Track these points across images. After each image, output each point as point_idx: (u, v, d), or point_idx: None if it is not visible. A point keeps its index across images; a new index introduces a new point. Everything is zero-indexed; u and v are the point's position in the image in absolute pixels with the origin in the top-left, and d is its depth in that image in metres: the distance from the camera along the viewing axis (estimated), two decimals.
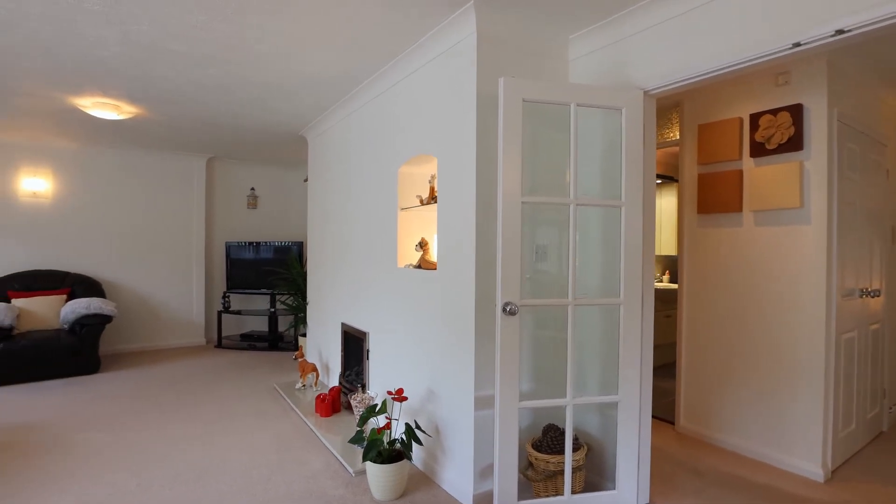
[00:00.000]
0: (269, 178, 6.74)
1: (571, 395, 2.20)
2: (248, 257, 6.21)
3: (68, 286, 5.08)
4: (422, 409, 2.80)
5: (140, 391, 4.16)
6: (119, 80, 3.32)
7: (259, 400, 3.98)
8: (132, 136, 5.06)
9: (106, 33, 2.60)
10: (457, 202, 2.50)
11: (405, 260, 3.10)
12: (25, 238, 5.14)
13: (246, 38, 2.67)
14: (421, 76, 2.82)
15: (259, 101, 3.79)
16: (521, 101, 2.13)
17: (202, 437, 3.20)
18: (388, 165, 3.22)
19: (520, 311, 2.15)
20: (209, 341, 6.22)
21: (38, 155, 5.20)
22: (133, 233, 5.72)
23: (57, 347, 4.42)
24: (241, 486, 2.55)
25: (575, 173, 2.19)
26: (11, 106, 3.96)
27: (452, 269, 2.53)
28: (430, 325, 2.73)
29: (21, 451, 2.94)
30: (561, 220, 2.55)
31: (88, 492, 2.48)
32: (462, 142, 2.45)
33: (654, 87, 2.25)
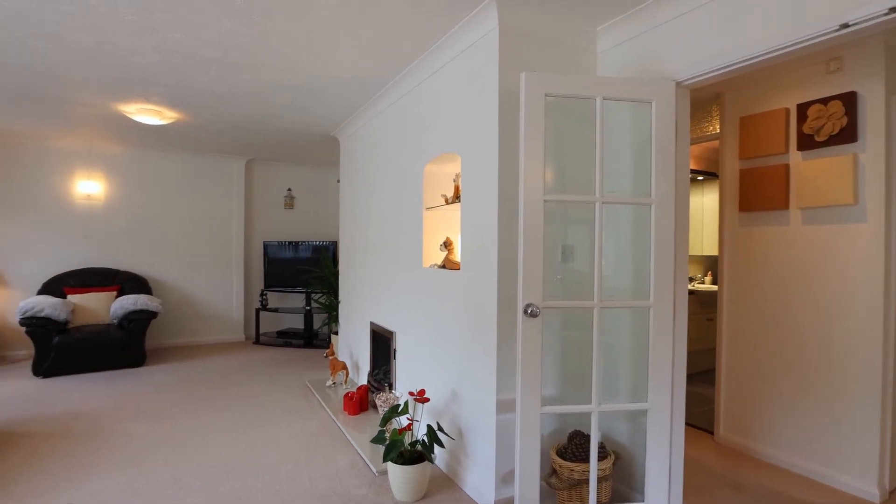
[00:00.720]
0: (305, 178, 6.90)
1: (597, 402, 2.11)
2: (285, 256, 6.37)
3: (118, 283, 5.37)
4: (445, 410, 2.77)
5: (180, 385, 4.33)
6: (158, 86, 3.46)
7: (291, 396, 4.06)
8: (175, 140, 5.29)
9: (142, 42, 2.71)
10: (480, 201, 2.45)
11: (430, 260, 3.08)
12: (80, 238, 5.47)
13: (273, 42, 2.72)
14: (445, 74, 2.79)
15: (290, 103, 3.86)
16: (544, 97, 2.06)
17: (234, 430, 3.29)
18: (414, 164, 3.20)
19: (543, 313, 2.08)
20: (248, 338, 6.42)
21: (92, 159, 5.52)
22: (177, 232, 5.98)
23: (106, 341, 4.68)
24: (267, 482, 2.60)
25: (601, 170, 2.10)
26: (66, 114, 4.21)
27: (475, 269, 2.49)
28: (454, 326, 2.69)
29: (68, 438, 3.12)
30: (591, 219, 2.46)
31: (125, 480, 2.59)
32: (484, 139, 2.40)
33: (688, 77, 2.12)
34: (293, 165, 6.78)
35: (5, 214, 5.12)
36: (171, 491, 2.49)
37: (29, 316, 4.39)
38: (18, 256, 5.18)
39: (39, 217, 5.28)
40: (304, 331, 6.22)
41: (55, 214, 5.35)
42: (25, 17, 2.42)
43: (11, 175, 5.15)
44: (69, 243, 5.42)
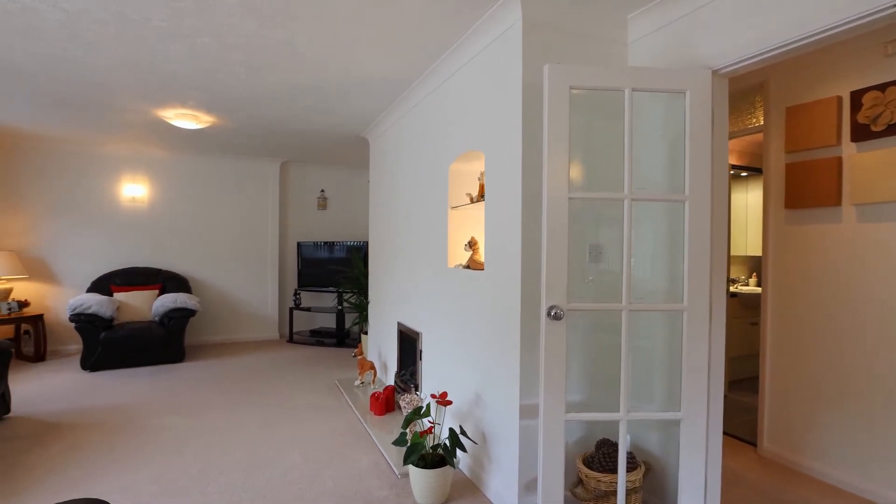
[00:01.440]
0: (337, 179, 6.98)
1: (626, 410, 2.00)
2: (318, 256, 6.47)
3: (160, 282, 5.59)
4: (469, 413, 2.71)
5: (215, 381, 4.46)
6: (193, 91, 3.56)
7: (319, 395, 4.10)
8: (213, 144, 5.46)
9: (174, 47, 2.79)
10: (503, 199, 2.38)
11: (455, 260, 3.03)
12: (126, 238, 5.74)
13: (297, 44, 2.74)
14: (469, 70, 2.73)
15: (318, 105, 3.90)
16: (569, 89, 1.97)
17: (263, 427, 3.35)
18: (439, 163, 3.16)
19: (568, 316, 1.99)
20: (282, 336, 6.56)
21: (137, 164, 5.78)
22: (215, 233, 6.18)
23: (148, 337, 4.87)
24: (290, 479, 2.62)
25: (630, 166, 1.99)
26: (110, 120, 4.41)
27: (499, 269, 2.42)
28: (478, 328, 2.63)
29: (108, 430, 3.25)
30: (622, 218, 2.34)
31: (156, 473, 2.67)
32: (508, 136, 2.33)
33: (726, 64, 1.98)
34: (326, 167, 6.88)
35: (59, 217, 5.43)
36: (197, 487, 2.54)
37: (77, 312, 4.63)
38: (70, 256, 5.48)
39: (89, 219, 5.56)
40: (336, 330, 6.29)
41: (103, 216, 5.63)
42: (66, 28, 2.53)
43: (64, 180, 5.45)
44: (116, 244, 5.69)
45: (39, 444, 3.01)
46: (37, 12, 2.37)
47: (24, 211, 5.30)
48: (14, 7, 2.33)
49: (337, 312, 6.20)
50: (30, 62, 3.01)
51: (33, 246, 5.34)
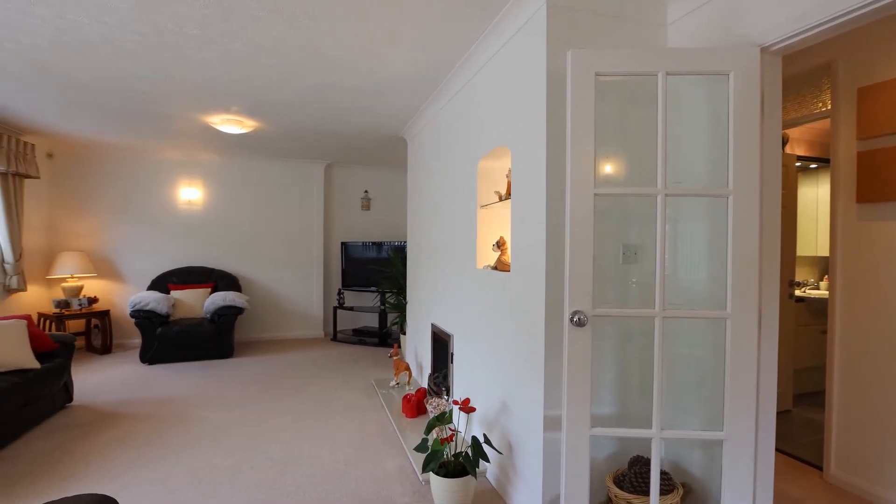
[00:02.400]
0: (380, 180, 7.04)
1: (659, 426, 1.82)
2: (361, 256, 6.56)
3: (213, 281, 5.87)
4: (496, 422, 2.60)
5: (259, 377, 4.60)
6: (233, 96, 3.68)
7: (355, 394, 4.12)
8: (260, 148, 5.65)
9: (208, 54, 2.88)
10: (528, 197, 2.25)
11: (484, 260, 2.92)
12: (182, 239, 6.07)
13: (323, 44, 2.74)
14: (496, 63, 2.62)
15: (353, 105, 3.91)
16: (594, 76, 1.82)
17: (297, 424, 3.40)
18: (469, 161, 3.07)
19: (594, 322, 1.84)
20: (326, 334, 6.70)
21: (192, 168, 6.09)
22: (263, 233, 6.40)
23: (200, 334, 5.12)
24: (316, 479, 2.62)
25: (664, 158, 1.81)
26: (164, 128, 4.67)
27: (524, 271, 2.29)
28: (504, 332, 2.51)
29: (155, 422, 3.42)
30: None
31: (193, 465, 2.76)
32: (533, 129, 2.20)
33: (778, 39, 1.75)
34: (369, 168, 6.96)
35: (123, 219, 5.83)
36: (228, 481, 2.60)
37: (137, 309, 4.93)
38: (133, 255, 5.87)
39: (150, 221, 5.94)
40: (378, 329, 6.34)
41: (162, 218, 5.99)
42: (109, 40, 2.67)
43: (128, 185, 5.85)
44: (173, 244, 6.03)
45: (93, 433, 3.21)
46: (82, 27, 2.51)
47: (93, 214, 5.74)
48: (62, 23, 2.47)
49: (379, 312, 6.25)
50: (86, 76, 3.22)
51: (101, 246, 5.76)
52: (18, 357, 3.18)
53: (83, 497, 1.43)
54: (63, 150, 5.60)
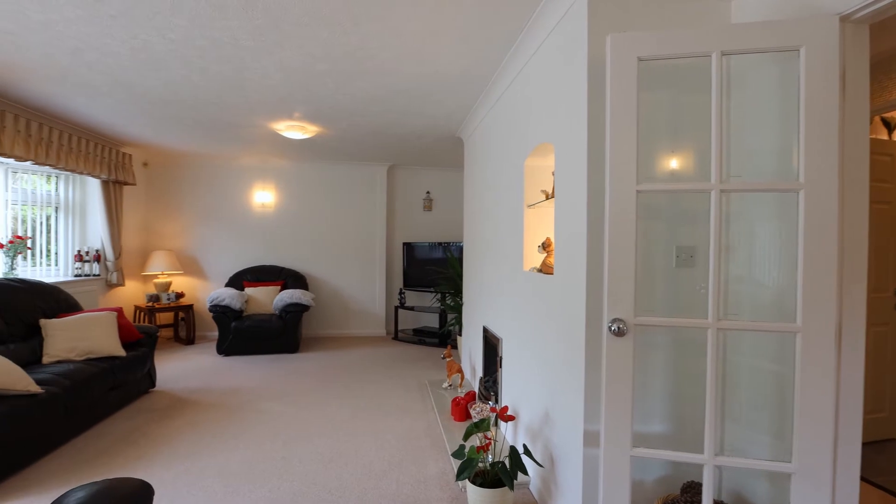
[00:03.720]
0: (442, 181, 7.07)
1: (712, 452, 1.62)
2: (422, 257, 6.62)
3: (283, 279, 6.21)
4: (540, 432, 2.48)
5: (319, 373, 4.78)
6: (293, 103, 3.85)
7: (408, 394, 4.15)
8: (324, 152, 5.89)
9: (265, 64, 3.02)
10: (570, 195, 2.12)
11: (531, 262, 2.80)
12: (256, 240, 6.48)
13: (369, 47, 2.76)
14: (539, 57, 2.49)
15: (407, 107, 3.94)
16: (636, 61, 1.66)
17: (348, 421, 3.47)
18: (516, 159, 2.96)
19: (636, 332, 1.68)
20: (388, 333, 6.84)
21: (265, 173, 6.49)
22: (329, 233, 6.67)
23: (269, 329, 5.43)
24: (358, 477, 2.65)
25: (719, 149, 1.61)
26: (237, 136, 5.00)
27: (566, 275, 2.16)
28: (548, 339, 2.39)
29: (222, 410, 3.66)
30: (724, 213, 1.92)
31: (247, 455, 2.91)
32: (574, 123, 2.06)
33: (861, 4, 1.49)
34: (431, 169, 7.00)
35: (204, 221, 6.34)
36: (277, 474, 2.70)
37: (214, 304, 5.34)
38: (213, 255, 6.36)
39: (228, 222, 6.41)
40: (438, 329, 6.36)
41: (239, 220, 6.43)
42: (177, 56, 2.89)
43: (208, 190, 6.35)
44: (248, 244, 6.46)
45: (168, 417, 3.50)
46: (153, 45, 2.74)
47: (181, 217, 6.30)
48: (136, 43, 2.71)
49: (440, 312, 6.26)
50: (163, 91, 3.52)
51: (187, 246, 6.31)
52: (108, 345, 3.55)
53: (128, 480, 1.53)
54: (156, 160, 6.20)
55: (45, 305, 3.66)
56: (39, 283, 3.81)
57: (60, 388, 2.92)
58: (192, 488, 2.52)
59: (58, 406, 2.86)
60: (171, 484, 2.56)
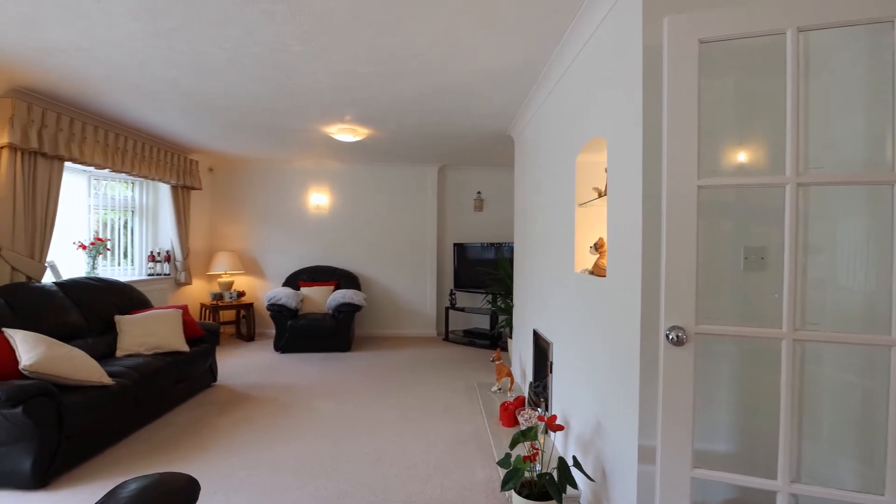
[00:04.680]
0: (493, 180, 6.97)
1: (787, 477, 1.44)
2: (473, 257, 6.56)
3: (336, 279, 6.36)
4: (591, 443, 2.34)
5: (370, 372, 4.84)
6: (343, 106, 3.91)
7: (457, 396, 4.10)
8: (375, 153, 5.97)
9: (315, 68, 3.07)
10: (624, 192, 1.98)
11: (582, 263, 2.67)
12: (312, 241, 6.69)
13: (415, 46, 2.74)
14: (591, 47, 2.36)
15: (453, 106, 3.89)
16: (697, 44, 1.51)
17: (396, 422, 3.48)
18: (567, 156, 2.83)
19: (698, 341, 1.53)
20: (439, 333, 6.83)
21: (319, 176, 6.68)
22: (380, 234, 6.76)
23: (323, 328, 5.57)
24: (403, 479, 2.63)
25: (795, 139, 1.43)
26: (292, 140, 5.17)
27: (619, 277, 2.02)
28: (599, 345, 2.25)
29: (277, 406, 3.77)
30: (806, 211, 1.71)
31: (298, 452, 2.97)
32: (628, 114, 1.92)
33: None
34: (481, 168, 6.93)
35: (264, 223, 6.62)
36: (325, 472, 2.74)
37: (271, 303, 5.55)
38: (272, 256, 6.63)
39: (286, 224, 6.65)
40: (489, 331, 6.28)
41: (296, 222, 6.66)
42: (232, 64, 3.00)
43: (267, 193, 6.63)
44: (304, 245, 6.68)
45: (226, 411, 3.66)
46: (209, 55, 2.86)
47: (243, 219, 6.61)
48: (194, 53, 2.84)
49: (491, 314, 6.17)
50: (221, 98, 3.68)
51: (248, 247, 6.61)
52: (174, 341, 3.76)
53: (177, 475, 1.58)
54: (220, 165, 6.55)
55: (120, 302, 3.94)
56: (115, 282, 4.11)
57: (130, 380, 3.12)
58: (245, 483, 2.60)
59: (127, 397, 3.05)
60: (226, 477, 2.65)
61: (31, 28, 2.52)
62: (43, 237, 3.68)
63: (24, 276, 3.53)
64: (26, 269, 3.52)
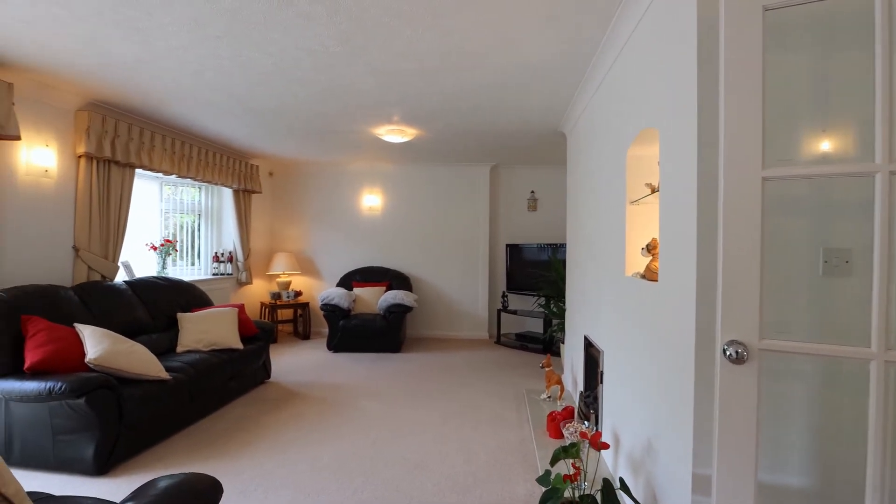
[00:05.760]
0: (547, 179, 6.74)
1: None
2: (526, 259, 6.37)
3: (388, 280, 6.40)
4: (641, 464, 2.13)
5: (419, 374, 4.81)
6: (388, 106, 3.89)
7: (505, 403, 3.96)
8: (425, 154, 5.94)
9: (356, 69, 3.07)
10: (677, 186, 1.77)
11: (634, 266, 2.45)
12: (365, 242, 6.79)
13: (453, 40, 2.65)
14: (641, 31, 2.16)
15: (500, 102, 3.75)
16: (761, 12, 1.30)
17: (440, 426, 3.40)
18: (617, 150, 2.62)
19: (762, 359, 1.32)
20: (490, 336, 6.69)
21: (372, 177, 6.77)
22: (432, 235, 6.73)
23: (374, 328, 5.62)
24: (441, 489, 2.55)
25: (885, 119, 1.18)
26: (343, 143, 5.25)
27: (672, 283, 1.81)
28: (650, 357, 2.04)
29: (325, 404, 3.82)
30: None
31: (340, 452, 2.97)
32: (682, 99, 1.71)
33: None
34: (535, 167, 6.72)
35: (319, 224, 6.81)
36: (363, 474, 2.71)
37: (325, 303, 5.68)
38: (327, 256, 6.80)
39: (340, 226, 6.80)
40: (542, 335, 6.06)
41: (350, 223, 6.79)
42: (278, 69, 3.06)
43: (322, 195, 6.81)
44: (358, 246, 6.79)
45: (277, 408, 3.75)
46: (256, 61, 2.93)
47: (300, 221, 6.84)
48: (242, 60, 2.92)
49: (544, 317, 5.96)
50: (273, 103, 3.79)
51: (305, 248, 6.83)
52: (229, 338, 3.92)
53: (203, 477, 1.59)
54: (279, 169, 6.81)
55: (182, 300, 4.17)
56: (179, 281, 4.35)
57: (187, 375, 3.27)
58: (286, 480, 2.63)
59: (183, 392, 3.20)
60: (269, 473, 2.70)
61: (95, 44, 2.69)
62: (116, 239, 3.97)
63: (98, 275, 3.81)
64: (101, 268, 3.81)
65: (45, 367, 2.66)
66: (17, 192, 3.28)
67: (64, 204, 3.62)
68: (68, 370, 2.72)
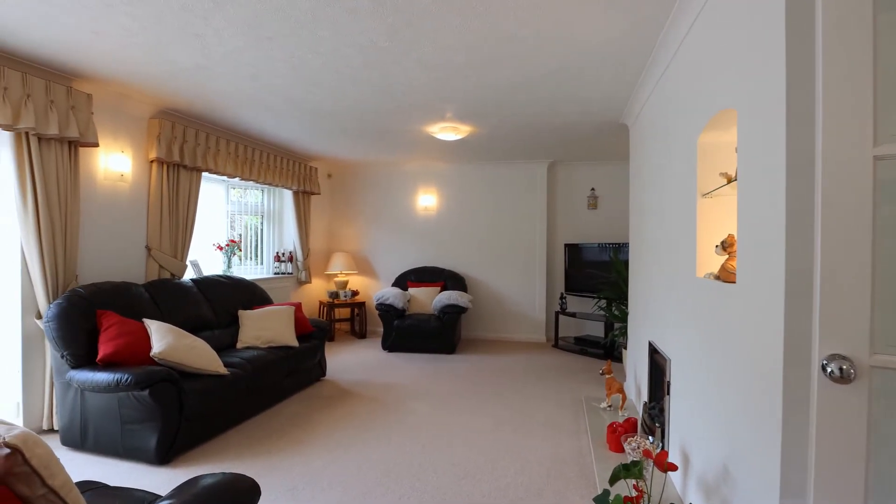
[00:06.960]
0: (609, 176, 6.40)
1: None
2: (586, 259, 6.08)
3: (443, 280, 6.34)
4: (716, 490, 1.89)
5: (472, 376, 4.69)
6: (441, 102, 3.81)
7: (561, 410, 3.75)
8: (480, 152, 5.82)
9: (406, 65, 3.00)
10: (760, 173, 1.53)
11: (707, 266, 2.19)
12: (420, 242, 6.77)
13: (504, 28, 2.51)
14: (712, 3, 1.91)
15: (556, 93, 3.56)
16: None
17: (492, 433, 3.27)
18: (687, 137, 2.37)
19: (874, 377, 1.09)
20: (548, 339, 6.44)
21: (427, 177, 6.74)
22: (488, 235, 6.59)
23: (428, 329, 5.57)
24: (490, 500, 2.41)
25: None
26: (397, 142, 5.24)
27: (753, 285, 1.57)
28: (727, 369, 1.80)
29: (376, 405, 3.80)
30: None
31: (389, 455, 2.91)
32: (766, 72, 1.48)
33: None
34: (595, 163, 6.40)
35: (375, 224, 6.88)
36: (411, 480, 2.63)
37: (379, 303, 5.70)
38: (383, 256, 6.85)
39: (395, 226, 6.83)
40: (602, 339, 5.74)
41: (405, 223, 6.81)
42: (329, 68, 3.06)
43: (378, 196, 6.87)
44: (413, 245, 6.79)
45: (330, 406, 3.78)
46: (307, 62, 2.95)
47: (355, 221, 6.95)
48: (294, 61, 2.95)
49: (605, 321, 5.64)
50: (325, 104, 3.83)
51: (361, 248, 6.92)
52: (286, 336, 4.00)
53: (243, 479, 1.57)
54: (336, 170, 6.96)
55: (244, 298, 4.32)
56: (241, 279, 4.52)
57: (244, 371, 3.36)
58: (333, 480, 2.60)
59: (241, 387, 3.29)
60: (318, 472, 2.69)
61: (158, 51, 2.82)
62: (184, 239, 4.18)
63: (168, 273, 4.03)
64: (170, 267, 4.02)
65: (116, 359, 2.82)
66: (96, 195, 3.52)
67: (137, 206, 3.85)
68: (137, 363, 2.86)
